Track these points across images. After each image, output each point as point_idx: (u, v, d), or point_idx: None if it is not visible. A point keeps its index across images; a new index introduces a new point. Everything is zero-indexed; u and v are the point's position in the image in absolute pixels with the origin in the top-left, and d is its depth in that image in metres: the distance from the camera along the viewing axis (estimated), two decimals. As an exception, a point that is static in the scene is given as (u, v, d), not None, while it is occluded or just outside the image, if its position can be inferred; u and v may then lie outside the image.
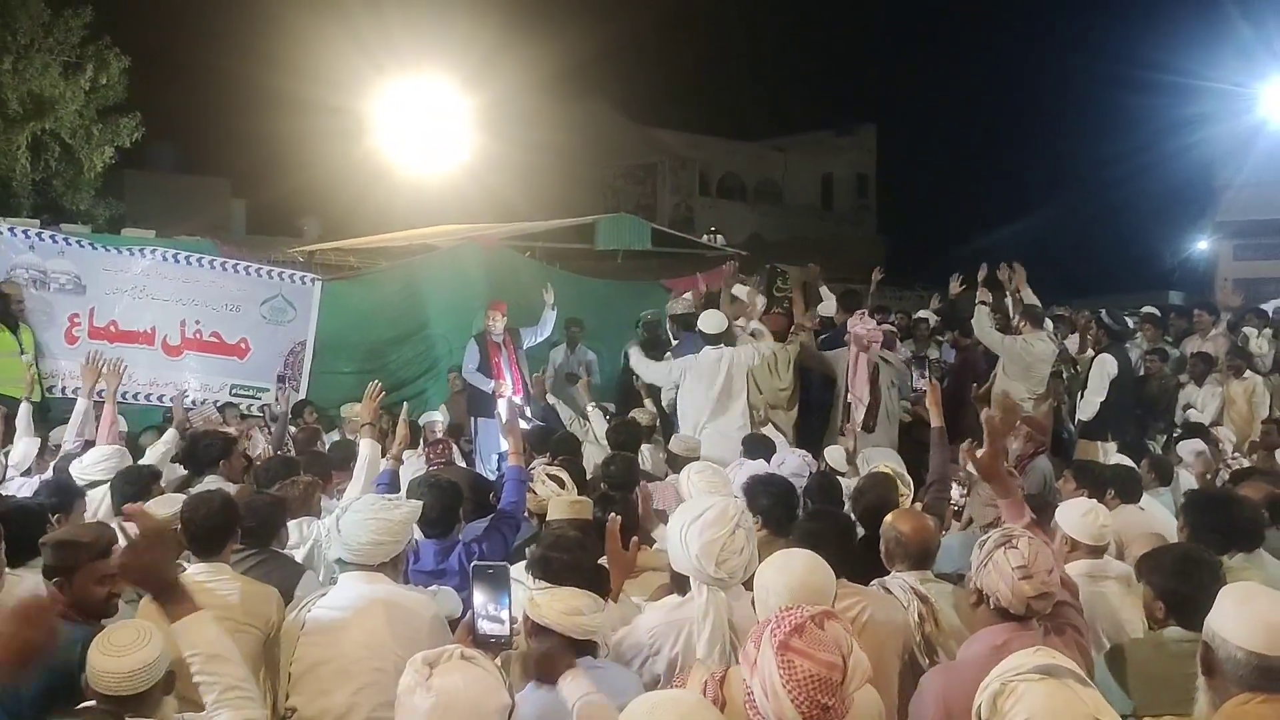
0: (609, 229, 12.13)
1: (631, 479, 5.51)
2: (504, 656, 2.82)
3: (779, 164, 43.57)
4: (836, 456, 6.64)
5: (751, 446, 6.68)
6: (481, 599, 2.79)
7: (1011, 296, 9.58)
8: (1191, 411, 9.39)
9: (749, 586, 3.01)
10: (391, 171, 22.62)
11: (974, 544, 3.25)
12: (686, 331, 9.00)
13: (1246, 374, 9.44)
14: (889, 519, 3.91)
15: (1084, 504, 4.30)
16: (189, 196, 25.98)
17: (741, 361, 8.05)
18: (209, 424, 7.90)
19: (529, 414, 8.78)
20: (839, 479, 5.81)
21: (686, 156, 39.30)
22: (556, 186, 29.05)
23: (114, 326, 8.94)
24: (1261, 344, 10.77)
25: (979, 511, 5.02)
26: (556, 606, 2.80)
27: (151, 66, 20.76)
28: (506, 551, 4.39)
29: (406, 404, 6.56)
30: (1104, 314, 8.85)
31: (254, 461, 6.70)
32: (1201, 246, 27.86)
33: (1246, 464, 7.44)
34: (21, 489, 5.62)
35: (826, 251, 28.49)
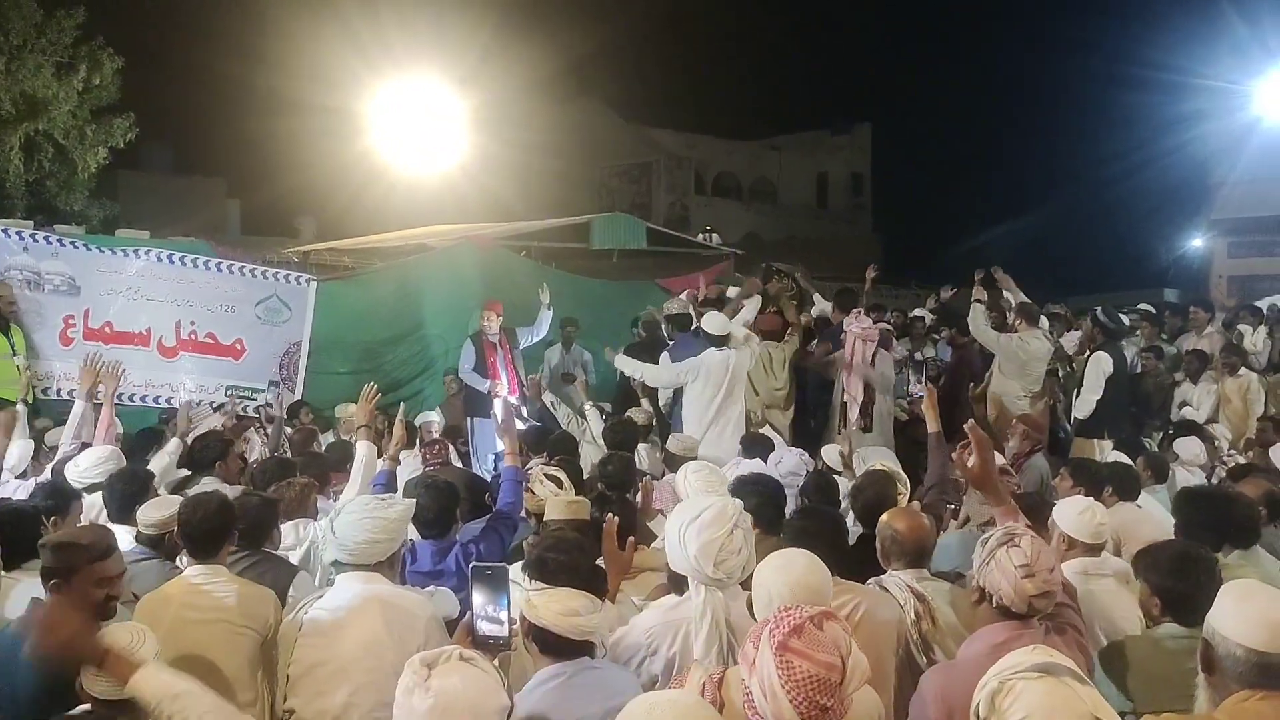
0: (604, 228, 12.14)
1: (628, 479, 5.51)
2: (502, 658, 2.82)
3: (774, 163, 43.55)
4: (833, 455, 6.65)
5: (749, 445, 6.69)
6: (480, 600, 2.78)
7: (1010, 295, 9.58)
8: (1187, 409, 9.40)
9: (746, 586, 3.00)
10: (387, 172, 22.62)
11: (971, 542, 3.25)
12: (681, 332, 9.00)
13: (1241, 371, 9.46)
14: (885, 518, 3.90)
15: (1081, 502, 4.29)
16: (183, 197, 25.94)
17: (743, 363, 8.06)
18: (226, 422, 7.96)
19: (525, 414, 8.78)
20: (836, 478, 5.82)
21: (682, 156, 39.27)
22: (552, 186, 29.07)
23: (109, 328, 8.93)
24: (1256, 341, 10.81)
25: (975, 510, 5.00)
26: (553, 607, 2.80)
27: (145, 66, 20.68)
28: (503, 552, 4.38)
29: (403, 404, 6.56)
30: (1099, 312, 8.84)
31: (249, 463, 6.70)
32: (1196, 244, 27.89)
33: (1242, 461, 7.45)
34: (17, 491, 5.60)
35: (822, 250, 28.60)
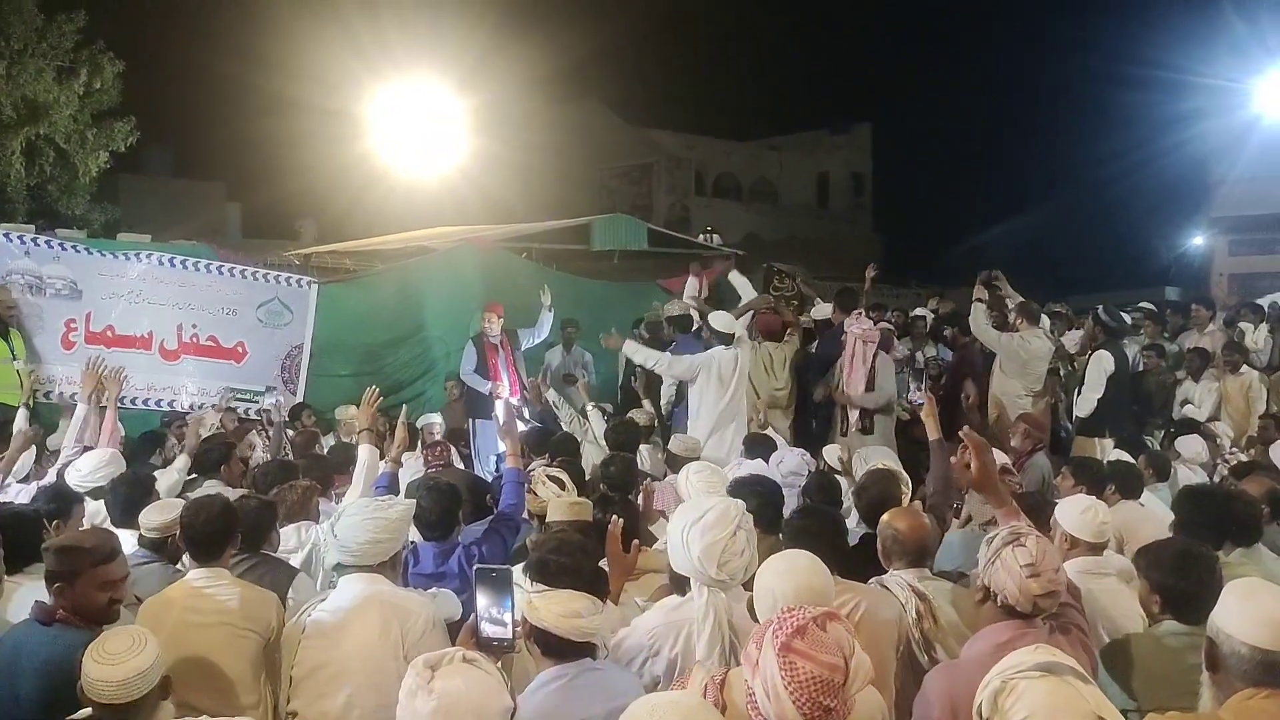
0: (605, 229, 12.12)
1: (631, 480, 5.51)
2: (505, 659, 2.81)
3: (774, 163, 43.53)
4: (834, 456, 6.64)
5: (751, 446, 6.68)
6: (484, 602, 2.78)
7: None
8: (1189, 407, 9.39)
9: (748, 587, 3.00)
10: (387, 174, 22.62)
11: (974, 541, 3.24)
12: (682, 333, 8.99)
13: (1243, 369, 9.45)
14: (885, 517, 3.90)
15: (1083, 501, 4.28)
16: (184, 200, 25.98)
17: (745, 363, 8.05)
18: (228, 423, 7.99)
19: (526, 415, 8.78)
20: (837, 478, 5.81)
21: (682, 156, 39.26)
22: (552, 187, 29.07)
23: (110, 331, 8.93)
24: (1258, 339, 10.79)
25: (977, 509, 5.00)
26: (554, 609, 2.79)
27: (146, 70, 20.72)
28: (506, 553, 4.38)
29: (405, 406, 6.56)
30: (1101, 310, 8.83)
31: (251, 466, 6.69)
32: (1197, 242, 27.87)
33: (1244, 459, 7.44)
34: (19, 495, 5.60)
35: (822, 250, 28.60)
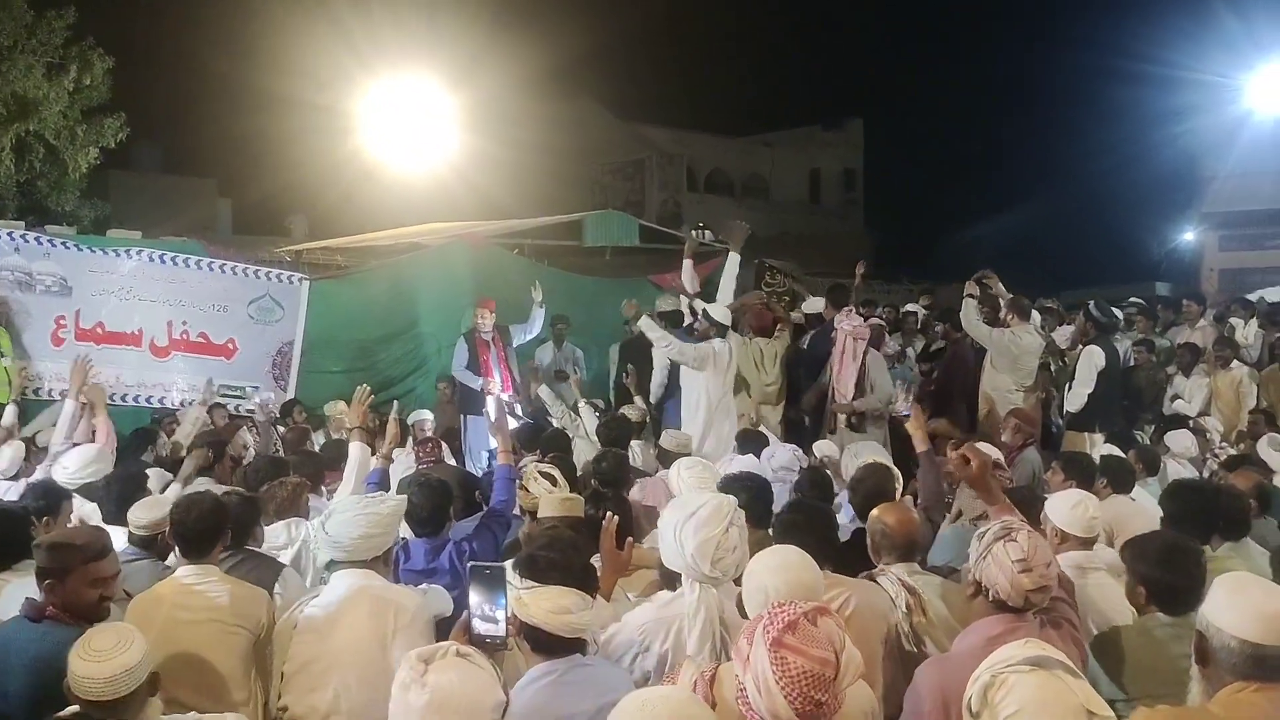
0: (597, 225, 12.11)
1: (623, 476, 5.51)
2: (498, 655, 2.81)
3: (766, 159, 43.49)
4: (826, 451, 6.65)
5: (744, 441, 6.69)
6: (477, 599, 2.77)
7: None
8: (1179, 402, 9.41)
9: (739, 583, 3.00)
10: (379, 170, 22.56)
11: (964, 536, 3.25)
12: (674, 329, 8.99)
13: (1233, 364, 9.46)
14: (875, 512, 3.92)
15: (1073, 496, 4.29)
16: (175, 197, 25.84)
17: (736, 356, 8.07)
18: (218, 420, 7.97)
19: (518, 411, 8.77)
20: (828, 473, 5.82)
21: (674, 153, 39.19)
22: (544, 184, 28.97)
23: (100, 328, 8.91)
24: (1248, 334, 10.81)
25: (968, 504, 5.01)
26: (544, 605, 2.79)
27: (136, 66, 20.63)
28: (497, 550, 4.38)
29: (397, 402, 6.55)
30: (1092, 306, 8.85)
31: (240, 463, 6.67)
32: (1188, 237, 27.97)
33: (1233, 453, 7.46)
34: (7, 493, 5.58)
35: (815, 246, 28.60)
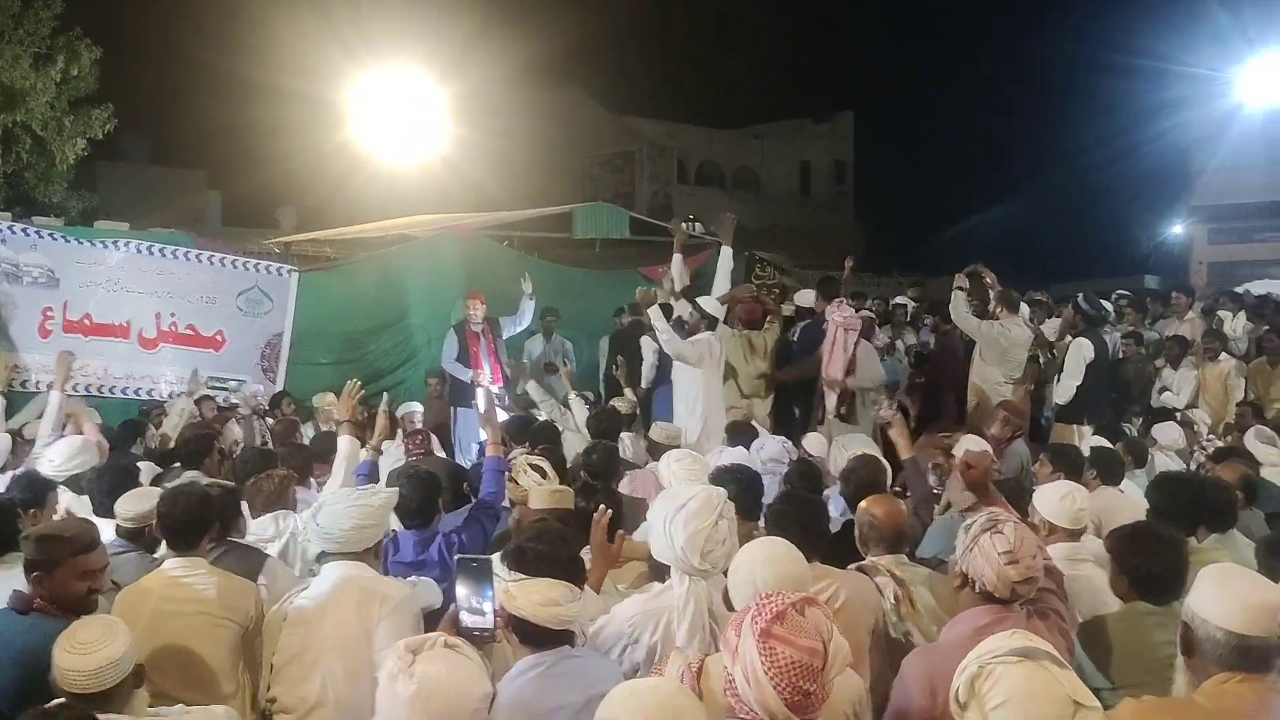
0: (587, 218, 12.12)
1: (613, 468, 5.50)
2: (486, 647, 2.81)
3: (757, 151, 43.48)
4: (814, 443, 6.66)
5: (733, 433, 6.69)
6: (464, 592, 2.77)
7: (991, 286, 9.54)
8: (1167, 395, 9.43)
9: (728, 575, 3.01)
10: (368, 162, 22.47)
11: (954, 528, 3.26)
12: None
13: (1222, 357, 9.48)
14: (863, 504, 3.94)
15: (1061, 488, 4.31)
16: (163, 188, 25.74)
17: (725, 347, 8.08)
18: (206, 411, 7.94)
19: (508, 403, 8.76)
20: (817, 465, 5.83)
21: (664, 145, 39.16)
22: (534, 176, 28.92)
23: (88, 320, 8.87)
24: (1236, 327, 10.86)
25: (957, 497, 5.03)
26: (532, 598, 2.78)
27: (123, 57, 20.51)
28: (486, 542, 4.37)
29: (386, 394, 6.52)
30: (1081, 299, 8.88)
31: (227, 455, 6.64)
32: (1177, 231, 28.05)
33: (1220, 445, 7.48)
34: (-7, 485, 5.55)
35: (805, 238, 28.59)
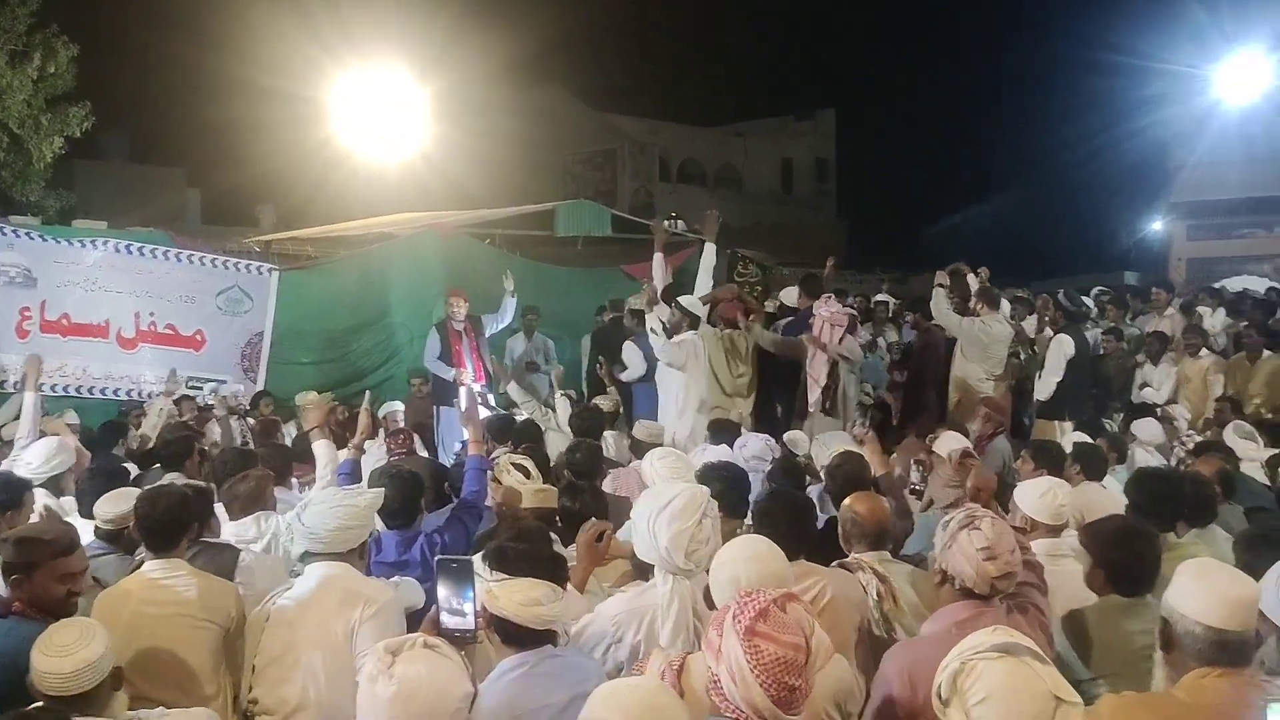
0: (569, 215, 12.07)
1: (596, 466, 5.50)
2: (468, 648, 2.80)
3: (739, 149, 43.48)
4: (797, 440, 6.67)
5: (716, 431, 6.70)
6: (445, 593, 2.76)
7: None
8: (1148, 390, 9.49)
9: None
10: (348, 159, 22.35)
11: (935, 526, 3.27)
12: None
13: (1202, 352, 9.55)
14: (846, 501, 3.96)
15: (1043, 484, 4.34)
16: (142, 186, 25.56)
17: (707, 346, 8.10)
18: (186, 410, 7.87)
19: (491, 402, 8.74)
20: (799, 462, 5.85)
21: (646, 142, 39.13)
22: (515, 174, 28.85)
23: (66, 319, 8.82)
24: (1215, 323, 10.94)
25: (939, 493, 5.05)
26: (515, 598, 2.77)
27: (101, 54, 20.36)
28: (468, 541, 4.35)
29: (369, 393, 6.50)
30: (1061, 295, 8.93)
31: (205, 456, 6.60)
32: (1156, 227, 28.21)
33: (1200, 440, 7.53)
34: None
35: (787, 236, 28.62)
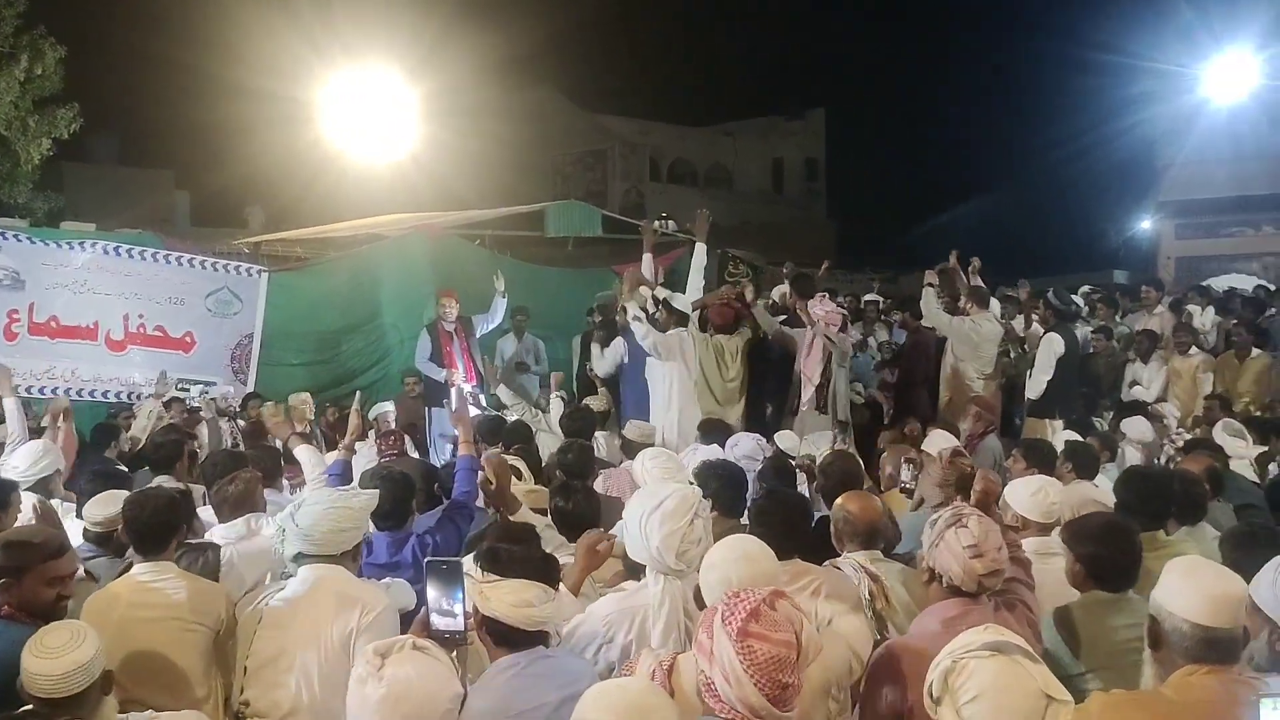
0: (559, 216, 12.06)
1: (588, 467, 5.49)
2: (460, 650, 2.80)
3: (729, 149, 43.55)
4: (788, 440, 6.68)
5: (707, 431, 6.71)
6: (434, 594, 2.76)
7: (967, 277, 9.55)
8: (1137, 388, 9.52)
9: (701, 573, 3.01)
10: (338, 160, 22.30)
11: (924, 524, 3.28)
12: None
13: (1192, 350, 9.59)
14: (839, 500, 3.97)
15: (1034, 482, 4.36)
16: (131, 188, 25.50)
17: (697, 349, 8.12)
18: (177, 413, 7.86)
19: (482, 402, 8.73)
20: (791, 462, 5.86)
21: (636, 142, 39.18)
22: (505, 174, 28.84)
23: (55, 322, 8.78)
24: (1205, 321, 10.98)
25: (929, 492, 5.06)
26: (506, 599, 2.77)
27: (88, 55, 20.29)
28: (460, 542, 4.34)
29: (360, 394, 6.48)
30: (1051, 293, 8.96)
31: (195, 457, 6.58)
32: (1145, 225, 28.29)
33: (1189, 438, 7.55)
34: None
35: (777, 236, 28.69)
